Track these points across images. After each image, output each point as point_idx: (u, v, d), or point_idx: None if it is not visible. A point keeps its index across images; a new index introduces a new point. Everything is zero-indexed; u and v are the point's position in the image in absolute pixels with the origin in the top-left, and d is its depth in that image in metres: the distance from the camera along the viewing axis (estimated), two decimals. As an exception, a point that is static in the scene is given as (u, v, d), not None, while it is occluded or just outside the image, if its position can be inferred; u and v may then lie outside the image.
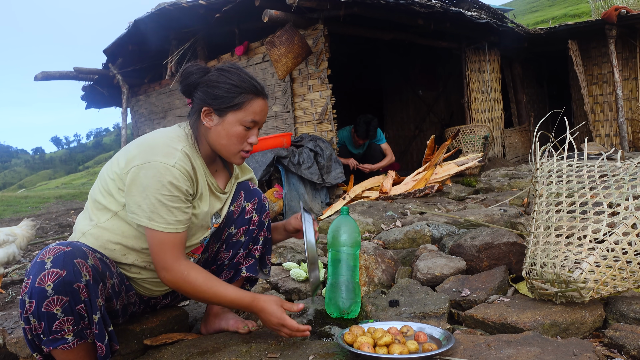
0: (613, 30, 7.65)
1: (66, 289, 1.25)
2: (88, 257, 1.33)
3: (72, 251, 1.30)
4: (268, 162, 4.46)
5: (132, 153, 1.47)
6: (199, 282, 1.47)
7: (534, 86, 9.97)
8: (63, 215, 7.05)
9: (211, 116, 1.55)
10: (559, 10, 23.53)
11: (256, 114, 1.56)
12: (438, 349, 1.38)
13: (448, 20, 6.32)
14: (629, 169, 1.75)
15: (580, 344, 1.38)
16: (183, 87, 1.59)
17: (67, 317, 1.27)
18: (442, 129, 8.85)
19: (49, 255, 1.27)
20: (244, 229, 1.76)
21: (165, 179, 1.41)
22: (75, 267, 1.27)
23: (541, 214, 1.84)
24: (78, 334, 1.31)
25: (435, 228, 2.79)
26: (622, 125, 7.76)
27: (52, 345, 1.29)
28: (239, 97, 1.53)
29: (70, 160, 72.80)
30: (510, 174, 5.65)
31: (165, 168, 1.42)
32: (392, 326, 1.57)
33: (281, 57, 5.11)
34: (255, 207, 1.77)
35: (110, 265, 1.47)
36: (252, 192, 1.78)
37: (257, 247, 1.80)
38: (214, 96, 1.53)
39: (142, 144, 1.48)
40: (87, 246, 1.41)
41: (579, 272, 1.55)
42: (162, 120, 8.20)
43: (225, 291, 1.49)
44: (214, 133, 1.55)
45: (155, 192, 1.41)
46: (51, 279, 1.24)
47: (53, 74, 7.76)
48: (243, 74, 1.56)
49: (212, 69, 1.59)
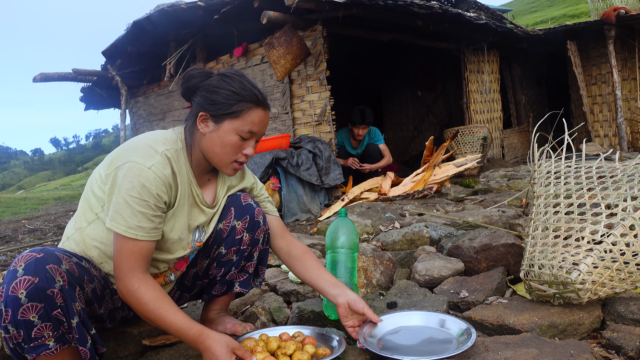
0: (612, 30, 7.66)
1: (39, 296, 1.23)
2: (62, 262, 1.30)
3: (44, 257, 1.27)
4: (267, 163, 4.46)
5: (116, 153, 1.45)
6: (146, 299, 1.36)
7: (532, 87, 9.97)
8: (62, 217, 7.04)
9: (207, 122, 1.49)
10: (558, 11, 23.56)
11: (254, 124, 1.49)
12: (331, 353, 1.44)
13: (447, 21, 6.33)
14: (626, 170, 1.75)
15: (578, 345, 1.38)
16: (183, 90, 1.54)
17: (44, 323, 1.25)
18: (441, 129, 8.86)
19: (20, 263, 1.25)
20: (234, 249, 1.69)
21: (138, 180, 1.36)
22: (48, 272, 1.24)
23: (539, 215, 1.84)
24: (60, 339, 1.29)
25: (434, 229, 2.79)
26: (621, 126, 7.77)
27: (34, 352, 1.26)
28: (237, 104, 1.47)
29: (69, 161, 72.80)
30: (509, 175, 5.65)
31: (140, 169, 1.37)
32: (284, 332, 1.60)
33: (280, 58, 5.11)
34: (246, 226, 1.67)
35: (90, 270, 1.42)
36: (243, 208, 1.68)
37: (251, 263, 1.75)
38: (212, 101, 1.47)
39: (127, 145, 1.45)
40: (63, 251, 1.37)
41: (577, 273, 1.55)
42: (161, 122, 8.20)
43: (174, 317, 1.36)
44: (208, 140, 1.50)
45: (125, 191, 1.36)
46: (23, 286, 1.22)
47: (52, 75, 7.76)
48: (245, 81, 1.50)
49: (214, 74, 1.54)
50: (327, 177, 4.76)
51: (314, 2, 4.78)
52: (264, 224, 1.72)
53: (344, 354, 1.49)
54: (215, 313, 1.78)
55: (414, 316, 1.67)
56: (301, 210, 4.48)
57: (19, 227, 6.04)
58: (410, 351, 1.45)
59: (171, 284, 1.67)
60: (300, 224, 4.24)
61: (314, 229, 3.66)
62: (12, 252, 4.24)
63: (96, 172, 1.50)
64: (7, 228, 6.03)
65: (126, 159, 1.39)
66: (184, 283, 1.76)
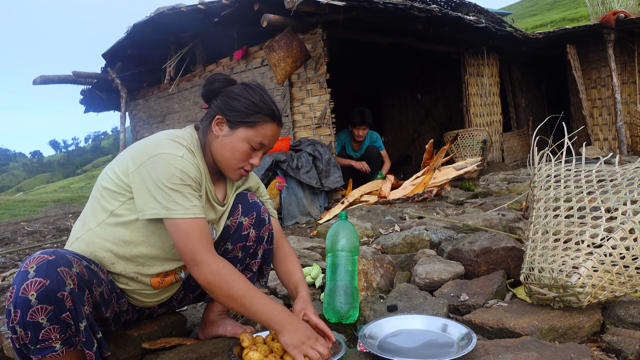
0: (611, 34, 7.68)
1: (50, 298, 1.24)
2: (73, 265, 1.31)
3: (56, 259, 1.28)
4: (267, 166, 4.46)
5: (136, 151, 1.46)
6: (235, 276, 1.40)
7: (532, 90, 9.99)
8: (61, 219, 7.04)
9: (222, 126, 1.55)
10: (558, 14, 23.61)
11: (266, 137, 1.55)
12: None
13: (447, 25, 6.34)
14: (626, 174, 1.75)
15: (578, 349, 1.38)
16: (205, 91, 1.60)
17: (53, 325, 1.26)
18: (440, 133, 8.87)
19: (32, 265, 1.25)
20: (240, 245, 1.72)
21: (175, 167, 1.40)
22: (59, 275, 1.25)
23: (539, 219, 1.84)
24: (66, 342, 1.29)
25: (434, 233, 2.79)
26: (621, 129, 7.78)
27: (40, 354, 1.27)
28: (255, 115, 1.53)
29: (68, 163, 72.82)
30: (508, 178, 5.65)
31: (173, 158, 1.41)
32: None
33: (280, 61, 5.12)
34: (252, 223, 1.71)
35: (98, 273, 1.44)
36: (250, 205, 1.73)
37: (255, 261, 1.77)
38: (232, 107, 1.53)
39: (147, 143, 1.47)
40: (73, 253, 1.38)
41: (577, 276, 1.55)
42: (161, 124, 8.20)
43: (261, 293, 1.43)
44: (220, 143, 1.55)
45: (166, 181, 1.39)
46: (34, 288, 1.23)
47: (52, 78, 7.77)
48: (266, 96, 1.57)
49: (237, 82, 1.60)
50: (327, 180, 4.76)
51: (314, 5, 4.79)
52: (269, 223, 1.76)
53: (345, 356, 1.49)
54: (216, 315, 1.78)
55: (415, 320, 1.67)
56: (301, 213, 4.48)
57: (18, 230, 6.03)
58: (411, 354, 1.45)
59: (180, 282, 1.69)
60: (300, 226, 4.24)
61: (314, 232, 3.66)
62: (11, 254, 4.23)
63: (109, 172, 1.50)
64: (6, 230, 6.02)
65: (153, 153, 1.42)
66: (189, 282, 1.77)
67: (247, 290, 1.40)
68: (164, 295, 1.68)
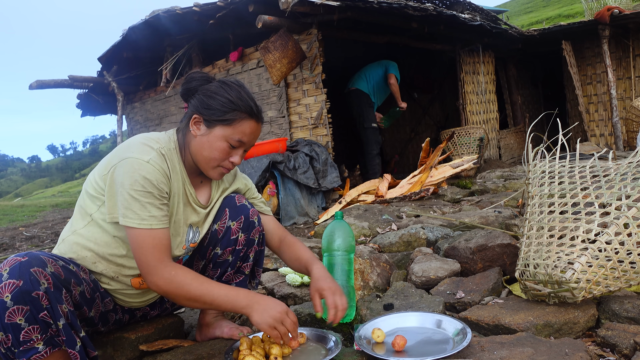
0: (606, 30, 7.70)
1: (25, 298, 1.24)
2: (47, 265, 1.31)
3: (29, 261, 1.28)
4: (264, 167, 4.47)
5: (111, 155, 1.47)
6: (188, 280, 1.41)
7: (528, 87, 10.01)
8: (59, 224, 7.03)
9: (199, 125, 1.52)
10: (553, 11, 23.63)
11: (245, 134, 1.52)
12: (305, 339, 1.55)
13: (442, 23, 6.35)
14: (619, 169, 1.76)
15: (572, 344, 1.38)
16: (183, 90, 1.58)
17: (32, 326, 1.26)
18: (437, 131, 8.89)
19: (5, 267, 1.26)
20: (230, 250, 1.70)
21: (138, 173, 1.39)
22: (32, 275, 1.25)
23: (534, 215, 1.85)
24: (49, 342, 1.29)
25: (430, 231, 2.80)
26: (617, 125, 7.80)
27: (24, 356, 1.27)
28: (231, 113, 1.49)
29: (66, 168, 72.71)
30: (505, 175, 5.66)
31: (138, 163, 1.40)
32: None
33: (275, 62, 5.13)
34: (241, 227, 1.69)
35: (78, 273, 1.44)
36: (238, 209, 1.70)
37: (247, 264, 1.76)
38: (207, 106, 1.50)
39: (121, 146, 1.48)
40: (48, 254, 1.38)
41: (571, 272, 1.55)
42: (158, 127, 8.20)
43: (219, 287, 1.43)
44: (198, 143, 1.52)
45: (128, 187, 1.38)
46: (8, 290, 1.23)
47: (48, 82, 7.76)
48: (243, 92, 1.52)
49: (214, 79, 1.57)
50: (324, 180, 4.77)
51: (308, 5, 4.80)
52: (259, 225, 1.74)
53: (341, 354, 1.49)
54: (212, 317, 1.78)
55: (410, 317, 1.67)
56: (299, 214, 4.49)
57: (16, 235, 6.03)
58: (406, 354, 1.46)
59: None
60: (298, 227, 4.25)
61: (312, 232, 3.67)
62: (9, 259, 4.23)
63: (91, 176, 1.52)
64: (5, 235, 6.02)
65: (122, 157, 1.42)
66: None
67: (204, 289, 1.41)
68: (149, 296, 1.67)
